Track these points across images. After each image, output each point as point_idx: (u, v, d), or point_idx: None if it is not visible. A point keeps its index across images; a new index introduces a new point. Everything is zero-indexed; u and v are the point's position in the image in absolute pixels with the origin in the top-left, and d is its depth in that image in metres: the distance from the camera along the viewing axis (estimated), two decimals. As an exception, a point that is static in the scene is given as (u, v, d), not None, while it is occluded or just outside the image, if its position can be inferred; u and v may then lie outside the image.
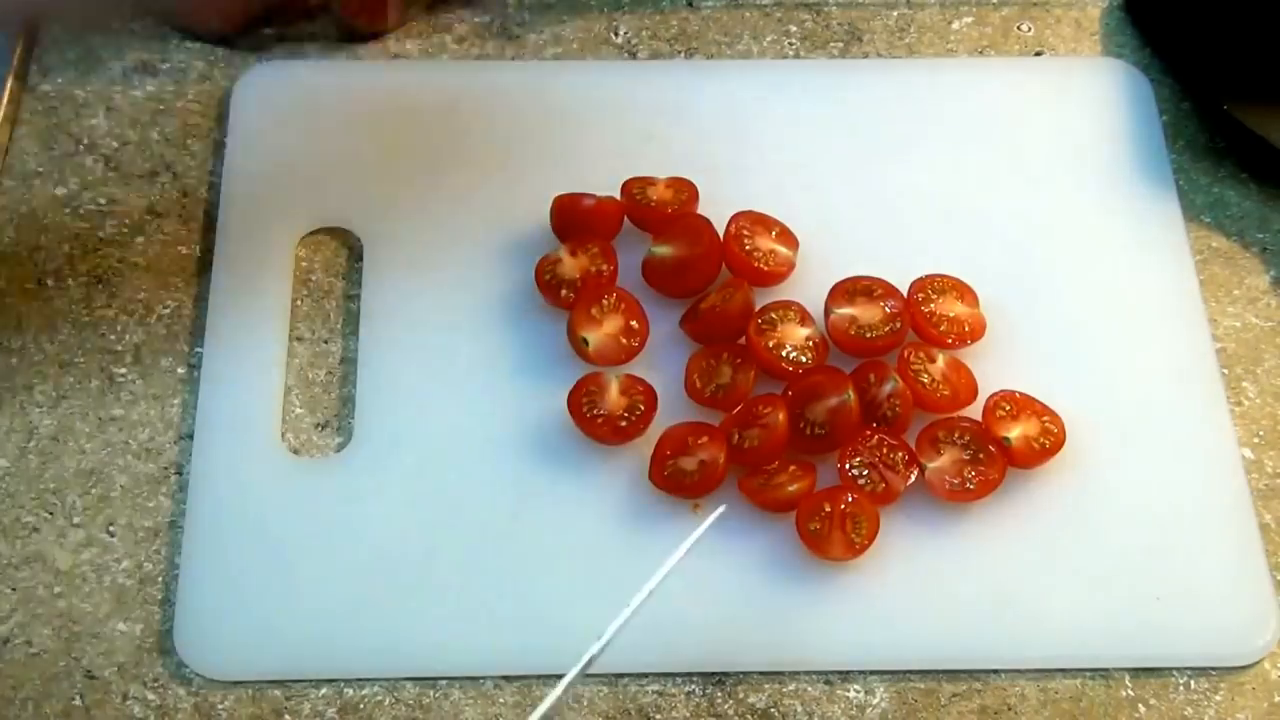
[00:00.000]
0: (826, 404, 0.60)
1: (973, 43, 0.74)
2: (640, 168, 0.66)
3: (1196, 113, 0.72)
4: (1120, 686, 0.58)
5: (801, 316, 0.63)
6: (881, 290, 0.63)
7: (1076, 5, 0.75)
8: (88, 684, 0.57)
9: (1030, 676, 0.58)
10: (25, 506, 0.60)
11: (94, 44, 0.72)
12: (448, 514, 0.59)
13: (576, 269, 0.64)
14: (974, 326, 0.63)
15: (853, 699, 0.57)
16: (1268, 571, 0.59)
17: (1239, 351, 0.65)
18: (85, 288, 0.65)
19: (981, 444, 0.60)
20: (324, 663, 0.57)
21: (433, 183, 0.57)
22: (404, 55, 0.72)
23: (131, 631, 0.58)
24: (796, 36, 0.74)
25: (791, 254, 0.64)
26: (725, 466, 0.59)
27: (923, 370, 0.61)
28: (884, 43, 0.74)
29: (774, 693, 0.57)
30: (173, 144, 0.69)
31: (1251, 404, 0.64)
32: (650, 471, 0.59)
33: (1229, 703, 0.57)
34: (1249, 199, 0.69)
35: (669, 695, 0.57)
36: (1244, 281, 0.67)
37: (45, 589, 0.58)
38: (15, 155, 0.69)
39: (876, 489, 0.59)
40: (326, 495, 0.60)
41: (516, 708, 0.57)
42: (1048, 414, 0.61)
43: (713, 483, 0.59)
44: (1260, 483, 0.62)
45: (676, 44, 0.73)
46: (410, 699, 0.57)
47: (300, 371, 0.63)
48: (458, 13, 0.73)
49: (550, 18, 0.74)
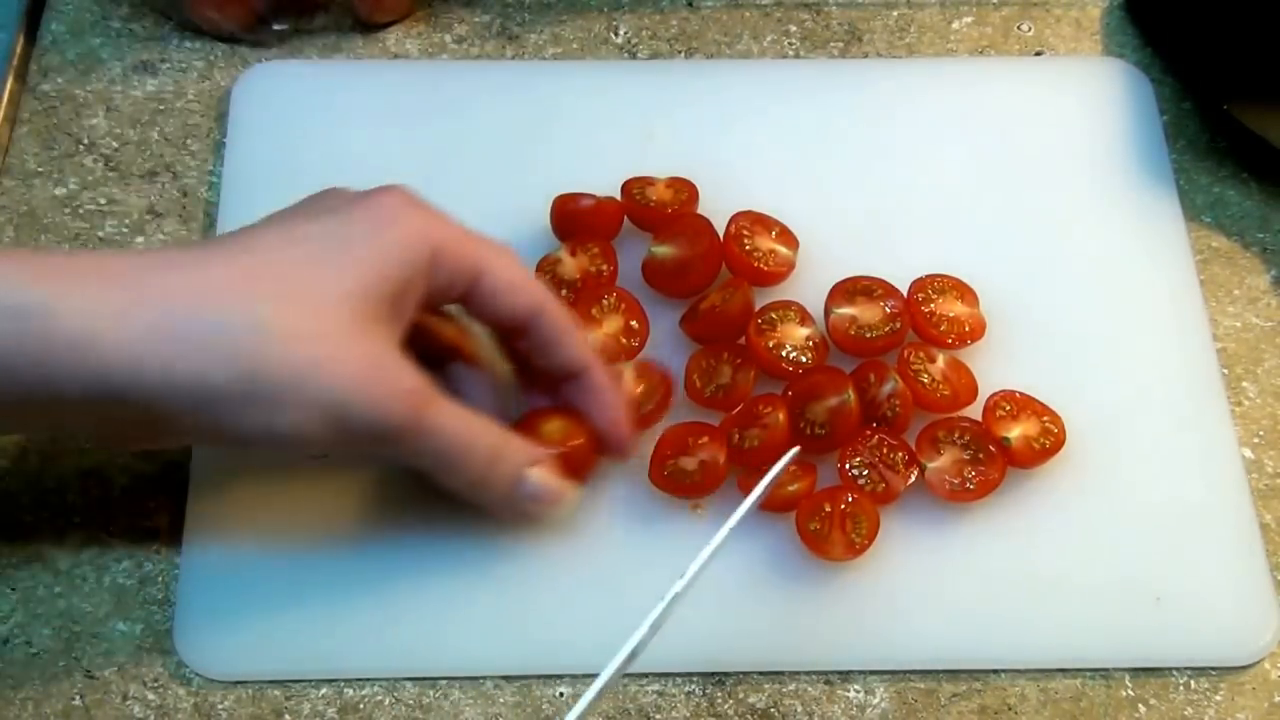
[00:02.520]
0: (826, 404, 0.60)
1: (973, 43, 0.74)
2: (640, 168, 0.66)
3: (1197, 112, 0.72)
4: (1120, 686, 0.58)
5: (801, 316, 0.63)
6: (881, 290, 0.63)
7: (1076, 5, 0.75)
8: (88, 684, 0.57)
9: (1030, 676, 0.58)
10: (25, 506, 0.60)
11: (94, 44, 0.72)
12: (448, 514, 0.59)
13: (576, 269, 0.64)
14: (974, 326, 0.63)
15: (853, 699, 0.57)
16: (1268, 571, 0.59)
17: (1239, 351, 0.65)
18: (85, 288, 0.65)
19: (981, 444, 0.60)
20: (324, 663, 0.57)
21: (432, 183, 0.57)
22: (404, 55, 0.72)
23: (131, 631, 0.58)
24: (796, 36, 0.74)
25: (791, 254, 0.64)
26: (726, 466, 0.59)
27: (923, 370, 0.61)
28: (884, 43, 0.74)
29: (774, 693, 0.57)
30: (173, 144, 0.69)
31: (1251, 404, 0.64)
32: (650, 471, 0.59)
33: (1229, 703, 0.57)
34: (1249, 199, 0.69)
35: (669, 695, 0.57)
36: (1244, 281, 0.67)
37: (45, 589, 0.59)
38: (15, 155, 0.69)
39: (876, 489, 0.59)
40: (327, 494, 0.60)
41: (516, 708, 0.57)
42: (1048, 414, 0.61)
43: (713, 483, 0.59)
44: (1260, 483, 0.62)
45: (676, 44, 0.73)
46: (410, 699, 0.57)
47: (300, 371, 0.63)
48: (457, 12, 0.73)
49: (550, 18, 0.74)
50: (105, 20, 0.73)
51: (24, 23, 0.72)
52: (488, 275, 0.54)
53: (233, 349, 0.48)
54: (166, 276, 0.48)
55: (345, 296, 0.49)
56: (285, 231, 0.51)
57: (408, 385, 0.51)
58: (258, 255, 0.50)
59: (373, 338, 0.50)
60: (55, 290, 0.46)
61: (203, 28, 0.72)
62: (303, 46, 0.72)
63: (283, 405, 0.48)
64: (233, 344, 0.48)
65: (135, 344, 0.47)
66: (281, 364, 0.48)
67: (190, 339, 0.47)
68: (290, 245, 0.50)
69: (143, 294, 0.47)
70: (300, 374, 0.48)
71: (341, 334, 0.49)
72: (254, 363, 0.48)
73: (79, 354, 0.46)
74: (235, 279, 0.48)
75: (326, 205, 0.53)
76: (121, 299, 0.47)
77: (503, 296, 0.54)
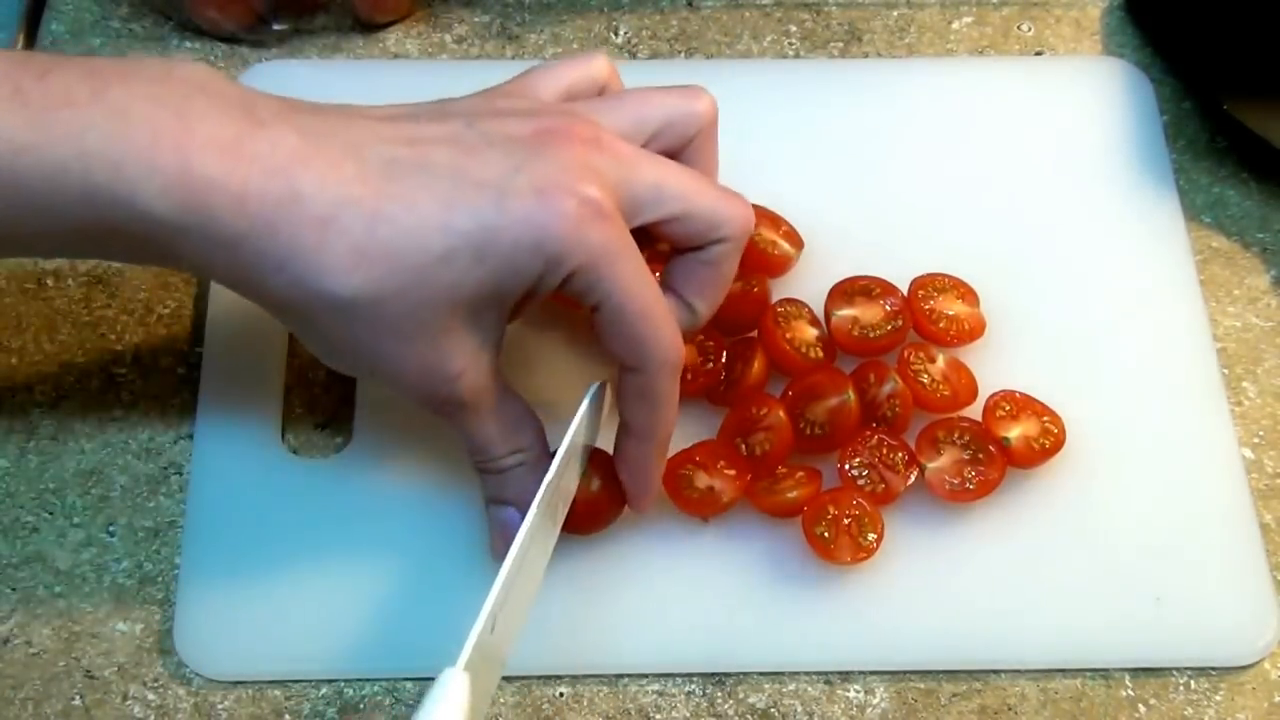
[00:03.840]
0: (826, 404, 0.60)
1: (973, 43, 0.74)
2: (640, 168, 0.66)
3: (1197, 112, 0.72)
4: (1120, 686, 0.58)
5: (810, 318, 0.62)
6: (880, 289, 0.63)
7: (1076, 5, 0.75)
8: (88, 684, 0.57)
9: (1030, 676, 0.58)
10: (25, 506, 0.60)
11: (94, 44, 0.72)
12: (448, 514, 0.59)
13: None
14: (974, 326, 0.63)
15: (853, 699, 0.57)
16: (1268, 571, 0.59)
17: (1239, 351, 0.65)
18: (85, 288, 0.65)
19: (981, 444, 0.59)
20: (324, 663, 0.57)
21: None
22: (404, 55, 0.72)
23: (131, 631, 0.58)
24: (796, 36, 0.74)
25: (793, 250, 0.64)
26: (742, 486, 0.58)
27: (923, 370, 0.61)
28: (884, 43, 0.74)
29: (774, 693, 0.57)
30: (173, 144, 0.69)
31: (1251, 404, 0.64)
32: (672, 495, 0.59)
33: (1229, 703, 0.57)
34: (1249, 199, 0.69)
35: (669, 695, 0.57)
36: (1244, 281, 0.67)
37: (45, 589, 0.59)
38: (15, 155, 0.69)
39: (876, 489, 0.59)
40: (326, 495, 0.60)
41: (517, 708, 0.57)
42: (1048, 414, 0.61)
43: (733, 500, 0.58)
44: (1260, 483, 0.62)
45: (676, 44, 0.73)
46: (410, 699, 0.57)
47: (300, 371, 0.63)
48: (457, 12, 0.73)
49: (550, 18, 0.74)
50: (105, 20, 0.73)
51: (24, 23, 0.72)
52: (612, 304, 0.51)
53: (305, 306, 0.49)
54: (282, 200, 0.48)
55: (452, 304, 0.49)
56: (448, 185, 0.49)
57: (445, 394, 0.52)
58: (397, 214, 0.48)
59: (452, 341, 0.50)
60: (256, 229, 0.47)
61: (203, 28, 0.72)
62: (303, 46, 0.72)
63: (356, 367, 0.54)
64: (340, 313, 0.49)
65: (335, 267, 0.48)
66: (362, 346, 0.50)
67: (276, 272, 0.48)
68: (439, 208, 0.49)
69: (252, 203, 0.47)
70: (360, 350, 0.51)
71: (425, 337, 0.50)
72: (340, 336, 0.50)
73: (290, 279, 0.48)
74: (353, 240, 0.48)
75: (509, 169, 0.49)
76: (314, 238, 0.48)
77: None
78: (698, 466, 0.59)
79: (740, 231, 0.55)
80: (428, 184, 0.49)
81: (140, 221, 0.47)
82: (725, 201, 0.54)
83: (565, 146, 0.50)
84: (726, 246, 0.54)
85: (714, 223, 0.54)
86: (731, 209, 0.54)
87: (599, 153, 0.51)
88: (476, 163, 0.50)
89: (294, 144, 0.49)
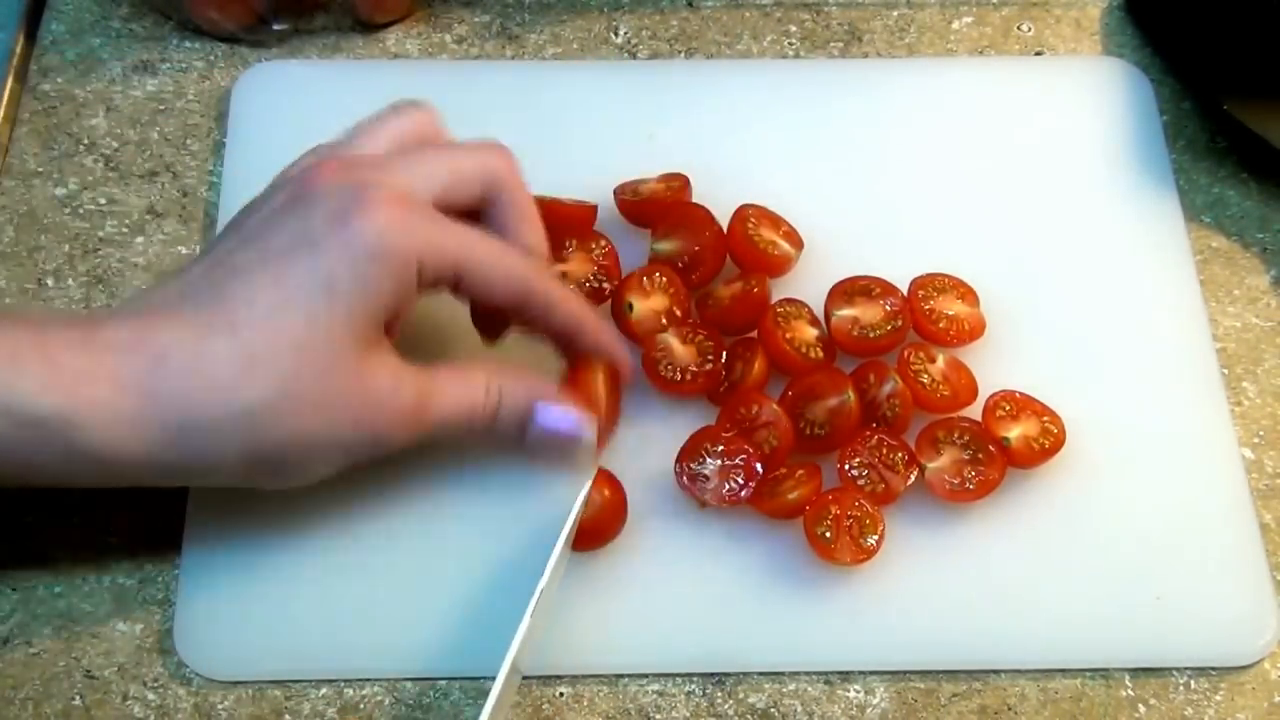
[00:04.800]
0: (826, 404, 0.60)
1: (973, 43, 0.74)
2: (640, 168, 0.66)
3: (1197, 112, 0.72)
4: (1120, 686, 0.58)
5: (810, 318, 0.62)
6: (880, 289, 0.63)
7: (1076, 5, 0.75)
8: (88, 684, 0.57)
9: (1030, 676, 0.58)
10: (25, 507, 0.60)
11: (94, 44, 0.72)
12: (448, 514, 0.59)
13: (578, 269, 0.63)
14: (974, 325, 0.63)
15: (853, 699, 0.57)
16: (1268, 571, 0.59)
17: (1239, 351, 0.65)
18: (85, 288, 0.65)
19: (981, 444, 0.59)
20: (324, 663, 0.57)
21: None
22: (404, 55, 0.72)
23: (131, 631, 0.58)
24: (796, 36, 0.74)
25: (793, 250, 0.64)
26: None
27: (923, 370, 0.61)
28: (884, 43, 0.74)
29: (774, 693, 0.57)
30: (173, 144, 0.69)
31: (1251, 404, 0.64)
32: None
33: (1229, 703, 0.57)
34: (1249, 199, 0.69)
35: (669, 695, 0.57)
36: (1244, 281, 0.67)
37: (45, 589, 0.59)
38: (15, 155, 0.69)
39: (876, 489, 0.59)
40: (326, 495, 0.60)
41: (517, 708, 0.57)
42: (1048, 414, 0.61)
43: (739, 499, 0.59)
44: (1260, 483, 0.62)
45: (676, 44, 0.73)
46: (410, 699, 0.57)
47: (300, 371, 0.63)
48: (457, 12, 0.73)
49: (550, 18, 0.74)
50: (105, 20, 0.73)
51: (24, 23, 0.72)
52: (468, 273, 0.54)
53: (244, 434, 0.51)
54: (168, 371, 0.50)
55: (338, 346, 0.52)
56: (266, 269, 0.52)
57: (407, 403, 0.54)
58: (250, 314, 0.51)
59: (369, 371, 0.53)
60: (70, 404, 0.49)
61: (203, 28, 0.72)
62: (303, 46, 0.72)
63: (296, 467, 0.53)
64: (243, 431, 0.51)
65: (153, 444, 0.50)
66: (290, 438, 0.52)
67: (202, 432, 0.51)
68: (274, 287, 0.51)
69: (156, 400, 0.50)
70: (307, 440, 0.52)
71: (340, 386, 0.52)
72: (263, 443, 0.51)
73: (101, 458, 0.50)
74: (234, 359, 0.50)
75: (300, 228, 0.52)
76: (134, 406, 0.50)
77: (484, 289, 0.55)
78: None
79: (497, 173, 0.57)
80: (251, 279, 0.52)
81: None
82: (481, 153, 0.57)
83: (321, 178, 0.53)
84: (505, 195, 0.57)
85: (478, 175, 0.56)
86: (486, 159, 0.57)
87: (353, 170, 0.54)
88: (276, 236, 0.52)
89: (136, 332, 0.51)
